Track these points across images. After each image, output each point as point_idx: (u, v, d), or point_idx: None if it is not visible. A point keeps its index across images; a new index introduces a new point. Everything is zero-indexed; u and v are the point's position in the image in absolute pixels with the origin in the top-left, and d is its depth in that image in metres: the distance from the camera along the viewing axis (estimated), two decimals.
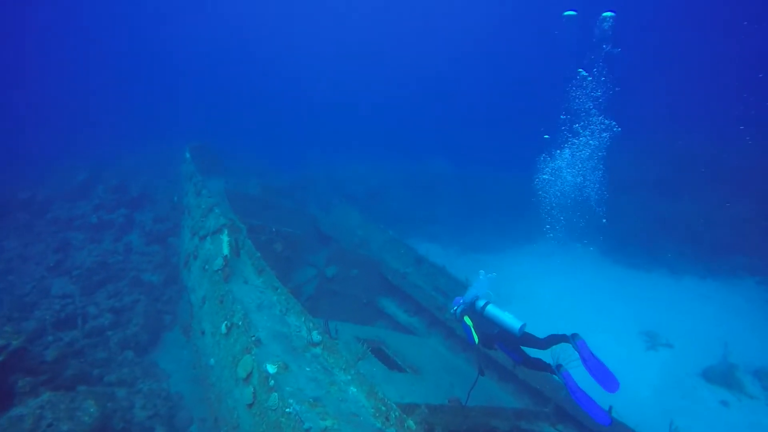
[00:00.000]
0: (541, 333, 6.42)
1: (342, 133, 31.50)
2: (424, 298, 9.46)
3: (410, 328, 9.49)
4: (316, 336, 4.98)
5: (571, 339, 5.23)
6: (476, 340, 5.51)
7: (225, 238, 6.55)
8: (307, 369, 4.54)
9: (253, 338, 4.69)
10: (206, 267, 6.38)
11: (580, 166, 19.20)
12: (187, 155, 10.23)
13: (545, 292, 13.06)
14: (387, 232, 11.68)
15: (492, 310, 5.56)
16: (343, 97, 40.78)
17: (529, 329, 5.74)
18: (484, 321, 5.61)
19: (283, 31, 48.44)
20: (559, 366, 5.11)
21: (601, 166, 17.27)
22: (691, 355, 9.67)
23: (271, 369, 4.31)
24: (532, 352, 5.64)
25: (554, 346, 5.35)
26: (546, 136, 14.18)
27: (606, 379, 4.97)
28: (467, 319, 5.68)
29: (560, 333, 5.37)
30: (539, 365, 5.33)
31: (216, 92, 41.72)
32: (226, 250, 6.30)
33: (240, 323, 5.03)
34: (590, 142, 13.96)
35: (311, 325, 5.18)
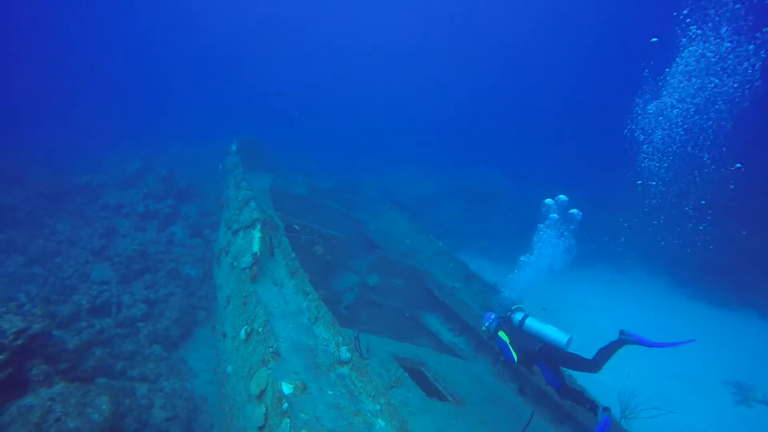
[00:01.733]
0: (604, 376, 5.48)
1: (394, 140, 30.99)
2: (472, 318, 8.57)
3: (454, 349, 8.62)
4: (344, 353, 4.29)
5: (621, 335, 4.81)
6: (515, 357, 4.96)
7: (257, 233, 6.04)
8: (330, 392, 3.85)
9: (272, 349, 4.06)
10: (234, 264, 5.88)
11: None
12: (233, 147, 9.97)
13: (605, 325, 11.69)
14: (437, 242, 10.91)
15: (533, 323, 5.04)
16: (398, 104, 40.37)
17: (604, 369, 5.01)
18: (522, 336, 5.09)
19: (335, 35, 48.89)
20: (606, 409, 4.60)
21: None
22: None
23: (287, 389, 3.66)
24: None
25: (607, 362, 4.86)
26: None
27: (678, 343, 4.65)
28: (502, 335, 5.13)
29: (607, 343, 4.86)
30: (580, 399, 4.83)
31: (269, 93, 42.55)
32: (256, 247, 5.78)
33: (260, 330, 4.44)
34: None
35: (341, 339, 4.50)
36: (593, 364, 4.82)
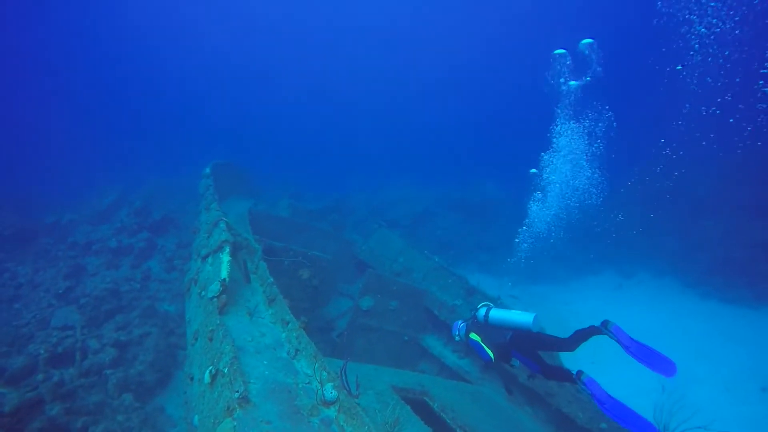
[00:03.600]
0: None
1: (383, 157, 30.45)
2: None
3: (460, 372, 7.79)
4: (330, 392, 3.49)
5: (603, 327, 4.51)
6: (491, 356, 4.71)
7: (225, 257, 5.26)
8: None
9: (238, 394, 3.25)
10: (202, 293, 5.09)
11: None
12: (207, 170, 9.24)
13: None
14: (432, 259, 10.16)
15: (496, 313, 4.88)
16: (383, 120, 39.93)
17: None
18: (492, 331, 4.92)
19: (317, 51, 48.48)
20: (579, 373, 4.37)
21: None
22: None
23: None
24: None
25: (583, 344, 4.61)
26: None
27: (658, 362, 4.29)
28: (474, 336, 4.91)
29: (587, 326, 4.61)
30: (559, 374, 4.58)
31: (250, 116, 41.88)
32: (224, 273, 4.99)
33: (226, 370, 3.63)
34: None
35: (325, 375, 3.71)
36: (568, 344, 4.60)
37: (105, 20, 42.76)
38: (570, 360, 8.05)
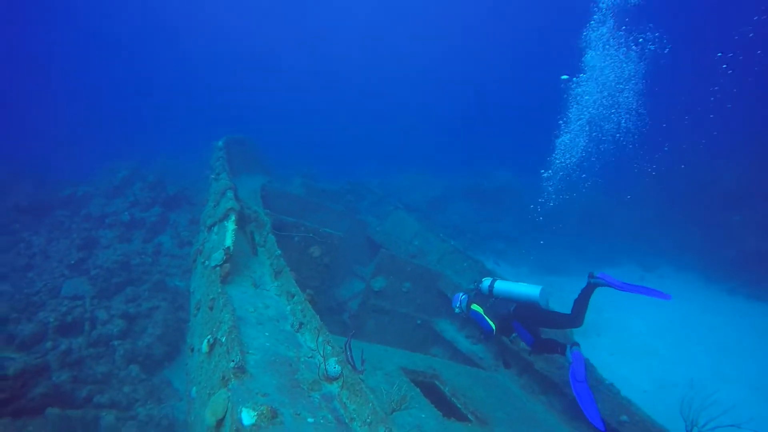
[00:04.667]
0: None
1: (398, 142, 30.04)
2: None
3: (473, 358, 7.52)
4: (333, 366, 3.27)
5: (592, 280, 4.45)
6: (493, 327, 4.64)
7: (230, 225, 5.07)
8: (310, 420, 2.82)
9: (233, 364, 3.06)
10: (206, 263, 4.91)
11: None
12: (220, 143, 9.05)
13: (642, 326, 10.54)
14: (448, 242, 9.89)
15: (502, 285, 4.77)
16: (395, 110, 39.39)
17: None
18: (495, 303, 4.85)
19: (336, 41, 47.99)
20: (574, 344, 4.38)
21: None
22: None
23: (248, 418, 2.63)
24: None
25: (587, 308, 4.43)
26: None
27: (652, 292, 4.28)
28: (476, 307, 4.85)
29: (579, 292, 4.50)
30: (550, 347, 4.52)
31: (262, 104, 41.67)
32: (229, 241, 4.80)
33: (224, 339, 3.44)
34: None
35: (330, 349, 3.49)
36: (573, 318, 4.42)
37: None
38: (589, 348, 7.74)
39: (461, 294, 5.23)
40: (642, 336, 9.93)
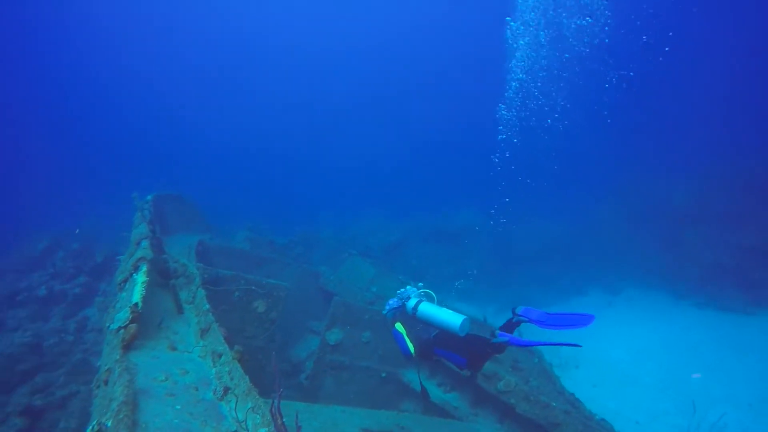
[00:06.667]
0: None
1: (350, 191, 29.62)
2: None
3: (447, 408, 6.68)
4: None
5: (515, 315, 4.39)
6: (411, 350, 4.43)
7: (140, 278, 4.23)
8: None
9: None
10: (109, 326, 4.01)
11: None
12: (149, 197, 8.19)
13: (620, 353, 10.04)
14: (410, 284, 9.16)
15: (426, 308, 4.46)
16: (355, 152, 38.93)
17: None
18: (418, 325, 4.63)
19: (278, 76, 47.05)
20: (494, 331, 4.26)
21: None
22: None
23: None
24: None
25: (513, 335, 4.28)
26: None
27: (575, 320, 4.10)
28: (399, 326, 4.62)
29: (505, 321, 4.44)
30: (483, 352, 4.26)
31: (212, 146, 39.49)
32: (136, 297, 3.95)
33: (109, 424, 2.55)
34: None
35: (258, 419, 2.68)
36: (496, 345, 4.23)
37: None
38: (570, 382, 7.08)
39: (394, 303, 4.87)
40: (623, 363, 9.40)
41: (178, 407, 2.93)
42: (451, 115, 38.29)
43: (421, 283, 5.29)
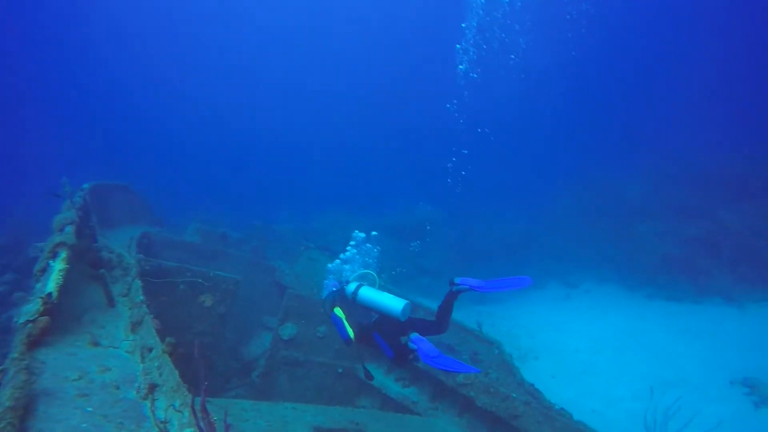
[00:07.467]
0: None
1: (309, 187, 29.12)
2: None
3: (406, 403, 6.46)
4: None
5: (452, 287, 4.28)
6: (351, 335, 4.28)
7: (57, 265, 3.76)
8: None
9: None
10: (17, 320, 3.53)
11: None
12: (85, 185, 7.52)
13: (577, 343, 10.16)
14: None
15: (367, 292, 4.35)
16: (307, 147, 38.27)
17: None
18: (358, 310, 4.46)
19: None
20: (407, 341, 4.05)
21: None
22: None
23: None
24: None
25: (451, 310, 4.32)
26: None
27: (512, 282, 4.22)
28: (338, 311, 4.43)
29: (443, 298, 4.34)
30: (406, 350, 4.08)
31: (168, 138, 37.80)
32: (50, 286, 3.48)
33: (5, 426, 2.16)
34: None
35: (186, 418, 2.34)
36: (437, 326, 4.28)
37: None
38: (530, 373, 7.01)
39: (332, 285, 4.71)
40: (579, 353, 9.49)
41: (90, 409, 2.55)
42: (415, 113, 38.19)
43: (374, 232, 5.28)
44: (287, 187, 29.26)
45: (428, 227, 18.61)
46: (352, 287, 4.43)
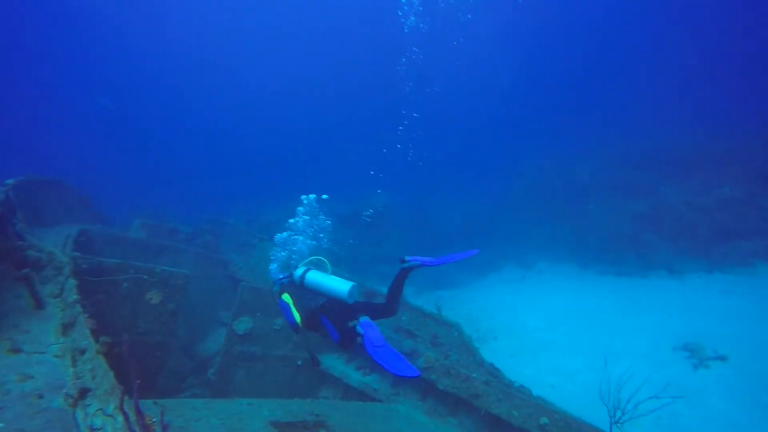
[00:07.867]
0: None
1: (264, 182, 28.51)
2: None
3: (367, 391, 6.38)
4: None
5: (403, 265, 4.28)
6: (298, 320, 4.24)
7: None
8: None
9: None
10: None
11: None
12: (9, 181, 6.90)
13: (534, 321, 10.42)
14: None
15: (314, 276, 4.31)
16: (275, 140, 37.36)
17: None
18: (307, 295, 4.40)
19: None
20: (355, 325, 4.01)
21: None
22: (758, 365, 7.22)
23: None
24: None
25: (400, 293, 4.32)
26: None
27: (460, 255, 4.36)
28: (286, 297, 4.38)
29: (393, 278, 4.33)
30: (352, 334, 4.05)
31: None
32: None
33: None
34: None
35: (119, 424, 2.11)
36: (387, 308, 4.25)
37: None
38: (489, 353, 7.08)
39: (280, 275, 4.65)
40: (537, 331, 9.73)
41: (2, 425, 2.27)
42: (366, 88, 37.82)
43: (325, 196, 5.28)
44: (240, 182, 28.48)
45: (382, 213, 18.64)
46: (299, 272, 4.36)
